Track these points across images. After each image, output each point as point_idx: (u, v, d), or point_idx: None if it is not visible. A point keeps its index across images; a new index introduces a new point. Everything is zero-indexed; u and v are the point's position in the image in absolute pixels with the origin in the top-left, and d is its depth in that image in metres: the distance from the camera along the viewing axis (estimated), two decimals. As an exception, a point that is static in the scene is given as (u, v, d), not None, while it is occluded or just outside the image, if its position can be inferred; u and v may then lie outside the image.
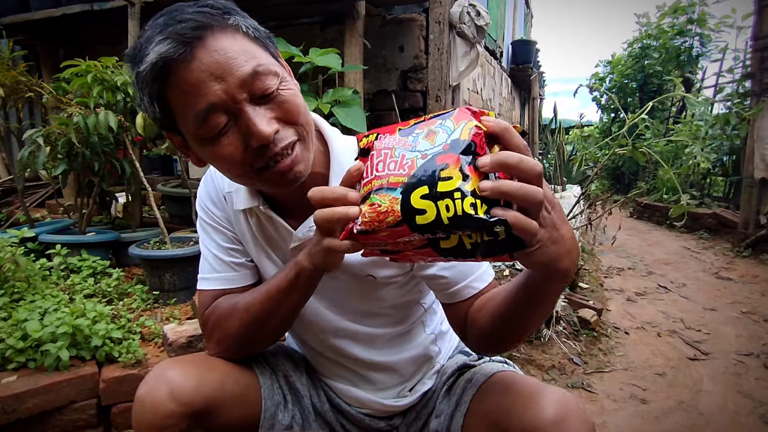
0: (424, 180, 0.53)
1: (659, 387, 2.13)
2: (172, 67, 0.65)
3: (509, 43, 7.13)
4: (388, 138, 0.60)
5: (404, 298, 0.92)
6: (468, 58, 3.03)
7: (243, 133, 0.68)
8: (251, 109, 0.67)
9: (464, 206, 0.51)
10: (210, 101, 0.65)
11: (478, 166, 0.53)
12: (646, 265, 4.22)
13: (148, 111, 0.72)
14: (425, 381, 0.99)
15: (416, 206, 0.53)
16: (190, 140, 0.72)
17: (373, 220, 0.57)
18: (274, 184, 0.74)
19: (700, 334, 2.71)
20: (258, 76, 0.67)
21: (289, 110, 0.70)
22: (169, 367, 0.80)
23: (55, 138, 2.20)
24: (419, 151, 0.56)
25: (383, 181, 0.57)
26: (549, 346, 2.36)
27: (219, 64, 0.65)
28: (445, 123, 0.56)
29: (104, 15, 3.25)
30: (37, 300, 1.79)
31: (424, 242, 0.57)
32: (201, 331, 0.92)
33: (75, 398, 1.53)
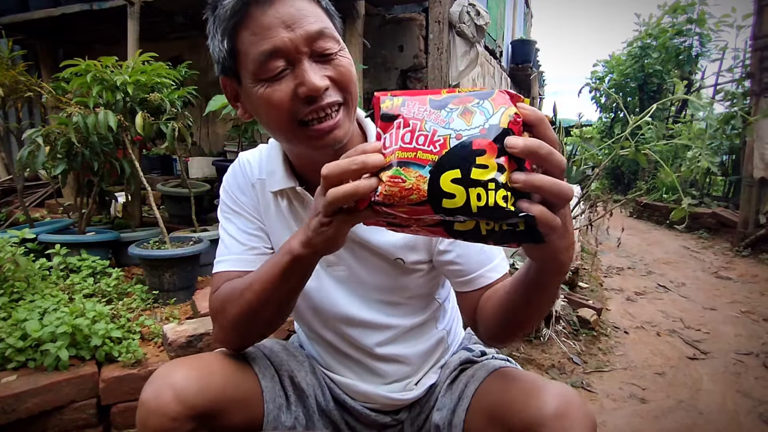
0: (457, 163, 0.51)
1: (659, 386, 2.13)
2: (249, 10, 0.71)
3: (509, 43, 7.14)
4: (417, 107, 0.55)
5: (424, 289, 0.94)
6: (468, 58, 3.03)
7: (296, 82, 0.71)
8: (308, 63, 0.72)
9: (497, 198, 0.50)
10: (275, 45, 0.70)
11: (508, 144, 0.51)
12: (646, 264, 4.22)
13: (215, 50, 0.77)
14: (430, 375, 1.00)
15: (445, 189, 0.51)
16: (246, 81, 0.75)
17: (394, 194, 0.54)
18: (312, 142, 0.75)
19: (699, 334, 2.71)
20: (323, 36, 0.72)
21: (342, 74, 0.75)
22: (173, 369, 0.79)
23: (54, 138, 2.20)
24: (453, 130, 0.52)
25: (410, 154, 0.53)
26: (549, 345, 2.36)
27: (291, 16, 0.71)
28: (483, 104, 0.53)
29: (103, 14, 3.26)
30: (36, 300, 1.79)
31: (437, 221, 0.55)
32: (210, 314, 0.90)
33: (75, 398, 1.53)
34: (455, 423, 0.87)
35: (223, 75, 0.80)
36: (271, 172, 0.90)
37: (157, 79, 2.33)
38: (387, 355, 0.94)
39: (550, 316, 2.41)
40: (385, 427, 0.99)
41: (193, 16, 3.49)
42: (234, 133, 3.09)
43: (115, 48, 3.22)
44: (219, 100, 2.50)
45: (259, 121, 0.80)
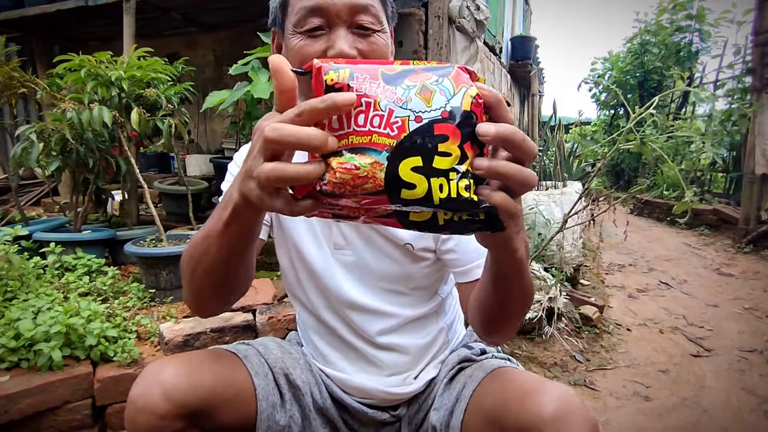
0: (418, 150, 0.46)
1: (662, 384, 2.10)
2: None
3: (509, 39, 7.10)
4: (369, 82, 0.48)
5: (429, 280, 0.93)
6: (467, 53, 3.00)
7: (327, 44, 0.74)
8: (344, 31, 0.74)
9: (459, 188, 0.46)
10: (318, 3, 0.73)
11: (479, 132, 0.47)
12: (647, 261, 4.20)
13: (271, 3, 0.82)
14: (430, 369, 0.98)
15: (404, 178, 0.46)
16: (287, 32, 0.78)
17: (345, 182, 0.47)
18: None
19: (702, 331, 2.68)
20: (367, 11, 0.74)
21: (374, 51, 0.76)
22: (162, 367, 0.77)
23: (48, 134, 2.17)
24: (412, 111, 0.47)
25: (364, 138, 0.47)
26: (551, 343, 2.34)
27: None
28: (442, 82, 0.48)
29: (99, 11, 3.22)
30: (30, 299, 1.76)
31: (389, 211, 0.50)
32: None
33: (69, 398, 1.51)
34: (453, 425, 0.85)
35: (273, 26, 0.84)
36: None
37: (152, 74, 2.30)
38: (387, 345, 0.93)
39: (552, 314, 2.39)
40: (383, 425, 0.97)
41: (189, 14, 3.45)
42: (232, 130, 3.05)
43: (111, 45, 3.19)
44: (217, 97, 2.47)
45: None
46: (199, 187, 3.19)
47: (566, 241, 2.90)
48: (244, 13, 3.45)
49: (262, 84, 2.27)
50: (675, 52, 7.60)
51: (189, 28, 3.93)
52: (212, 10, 3.39)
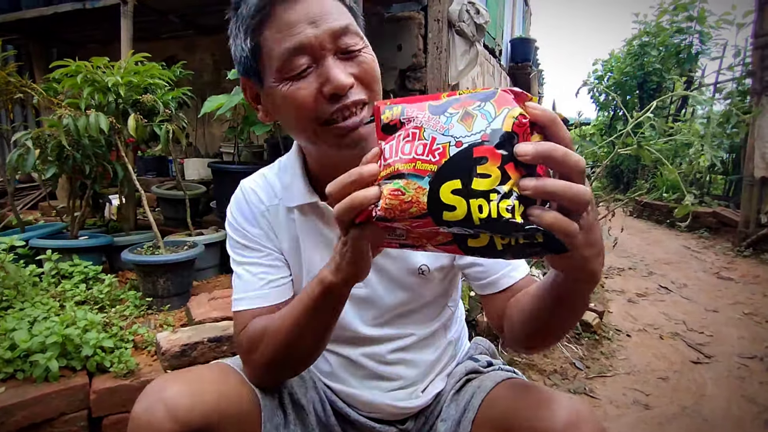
0: (457, 173, 0.48)
1: (662, 391, 2.10)
2: (274, 7, 0.70)
3: (508, 41, 7.09)
4: (416, 114, 0.53)
5: (439, 292, 0.93)
6: (467, 57, 2.99)
7: (320, 80, 0.71)
8: (333, 60, 0.71)
9: (500, 209, 0.46)
10: (300, 41, 0.69)
11: (518, 153, 0.47)
12: (647, 265, 4.19)
13: (237, 49, 0.76)
14: (437, 383, 0.98)
15: (445, 201, 0.48)
16: (269, 81, 0.74)
17: (394, 208, 0.51)
18: (336, 141, 0.74)
19: (702, 337, 2.68)
20: (348, 33, 0.72)
21: (367, 71, 0.74)
22: (166, 384, 0.77)
23: (44, 140, 2.15)
24: (453, 137, 0.49)
25: (409, 165, 0.51)
26: (550, 350, 2.33)
27: (316, 13, 0.70)
28: (484, 106, 0.49)
29: (97, 13, 3.20)
30: (26, 308, 1.75)
31: (450, 238, 0.52)
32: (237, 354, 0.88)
33: (65, 410, 1.49)
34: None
35: (244, 76, 0.80)
36: (288, 186, 0.88)
37: (150, 80, 2.28)
38: (397, 360, 0.93)
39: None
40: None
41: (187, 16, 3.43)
42: (230, 134, 3.04)
43: (109, 48, 3.18)
44: (215, 101, 2.45)
45: (281, 121, 0.80)
46: (197, 191, 3.18)
47: (566, 246, 2.89)
48: (243, 16, 3.44)
49: (260, 89, 2.25)
50: (675, 54, 7.59)
51: (187, 30, 3.92)
52: (211, 12, 3.37)
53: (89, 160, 2.25)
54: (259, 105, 0.82)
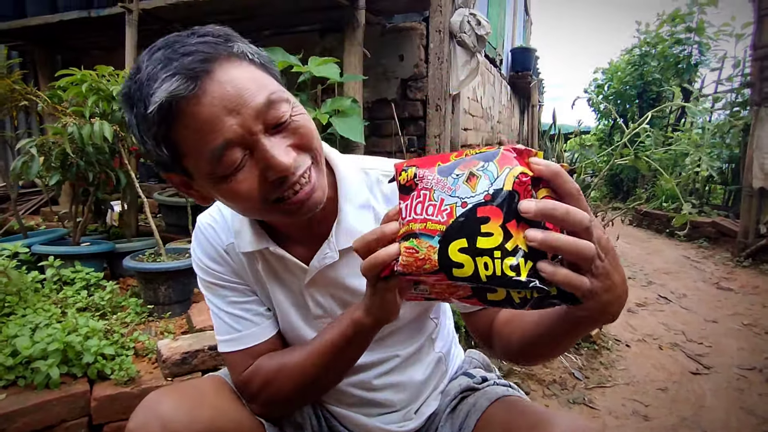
0: (462, 232, 0.51)
1: (661, 402, 2.10)
2: (181, 106, 0.61)
3: (509, 51, 7.14)
4: (427, 175, 0.57)
5: (417, 310, 0.90)
6: (468, 67, 3.02)
7: (260, 167, 0.65)
8: (267, 141, 0.64)
9: (504, 267, 0.49)
10: (226, 137, 0.62)
11: (521, 210, 0.49)
12: (646, 274, 4.20)
13: (151, 153, 0.67)
14: (430, 402, 0.96)
15: (453, 259, 0.52)
16: (201, 179, 0.68)
17: (410, 264, 0.55)
18: (292, 214, 0.70)
19: (701, 347, 2.68)
20: (272, 105, 0.65)
21: (303, 135, 0.68)
22: (162, 398, 0.77)
23: (49, 148, 2.17)
24: (459, 198, 0.53)
25: (421, 225, 0.55)
26: (549, 360, 2.33)
27: (232, 97, 0.62)
28: (487, 167, 0.52)
29: (101, 22, 3.23)
30: (28, 314, 1.75)
31: (470, 293, 0.56)
32: (239, 392, 0.86)
33: (65, 417, 1.50)
34: None
35: (166, 172, 0.72)
36: (239, 232, 0.82)
37: (154, 88, 2.30)
38: (386, 385, 0.91)
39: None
40: None
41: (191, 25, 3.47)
42: (232, 142, 3.06)
43: (113, 55, 3.20)
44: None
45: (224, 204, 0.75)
46: (198, 198, 3.19)
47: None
48: (245, 25, 3.46)
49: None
50: (674, 64, 7.64)
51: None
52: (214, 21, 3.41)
53: (92, 167, 2.26)
54: (192, 191, 0.74)
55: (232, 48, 0.66)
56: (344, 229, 0.79)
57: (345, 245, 0.78)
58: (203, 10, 2.93)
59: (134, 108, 0.64)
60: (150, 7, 2.93)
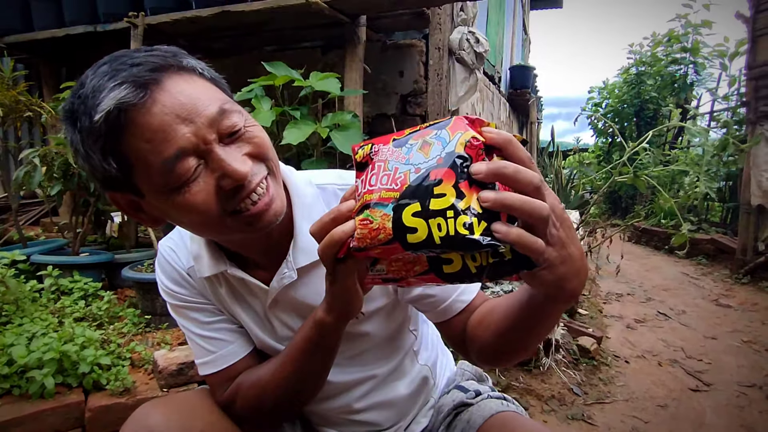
0: (416, 196, 0.51)
1: (661, 419, 2.08)
2: (130, 115, 0.59)
3: (507, 69, 7.24)
4: (382, 149, 0.56)
5: (391, 327, 0.87)
6: (467, 84, 3.06)
7: (216, 176, 0.63)
8: (222, 150, 0.63)
9: (457, 226, 0.48)
10: (180, 145, 0.60)
11: (472, 172, 0.50)
12: (645, 291, 4.19)
13: (96, 170, 0.63)
14: (420, 420, 0.95)
15: (407, 224, 0.50)
16: (152, 195, 0.65)
17: (365, 236, 0.54)
18: (249, 227, 0.68)
19: (701, 364, 2.66)
20: (226, 114, 0.64)
21: (258, 145, 0.68)
22: (151, 411, 0.76)
23: (51, 158, 2.19)
24: (413, 164, 0.53)
25: (375, 195, 0.54)
26: (548, 375, 2.32)
27: (184, 106, 0.61)
28: (440, 134, 0.53)
29: (107, 36, 3.29)
30: (25, 323, 1.75)
31: (426, 267, 0.55)
32: (226, 413, 0.84)
33: (60, 428, 1.49)
34: None
35: (110, 191, 0.68)
36: (198, 256, 0.81)
37: (157, 101, 2.33)
38: (369, 406, 0.89)
39: (549, 345, 2.37)
40: None
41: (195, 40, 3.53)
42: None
43: (118, 69, 3.25)
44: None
45: (177, 224, 0.72)
46: (198, 210, 3.20)
47: (564, 270, 2.90)
48: (250, 41, 3.53)
49: (263, 112, 2.30)
50: (670, 83, 7.75)
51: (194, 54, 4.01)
52: (218, 37, 3.46)
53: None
54: (140, 213, 0.71)
55: (181, 62, 0.65)
56: (301, 248, 0.77)
57: (303, 263, 0.77)
58: (207, 25, 2.98)
59: (78, 122, 0.61)
60: (155, 23, 2.99)
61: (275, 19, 2.88)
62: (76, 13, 3.38)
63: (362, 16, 2.78)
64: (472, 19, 3.24)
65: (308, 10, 2.53)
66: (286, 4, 2.56)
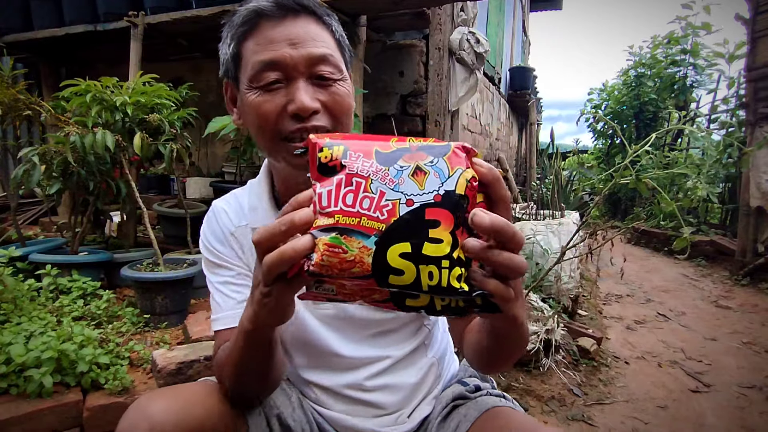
0: (407, 235, 0.45)
1: (661, 420, 2.07)
2: (260, 22, 0.73)
3: (507, 70, 7.25)
4: (362, 161, 0.48)
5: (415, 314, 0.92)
6: (467, 84, 3.06)
7: (287, 98, 0.73)
8: (304, 83, 0.73)
9: (450, 279, 0.45)
10: (275, 57, 0.72)
11: (474, 223, 0.46)
12: (645, 292, 4.18)
13: (222, 54, 0.80)
14: (423, 407, 0.96)
15: (393, 264, 0.45)
16: (243, 86, 0.77)
17: (332, 266, 0.47)
18: (291, 159, 0.76)
19: (701, 365, 2.66)
20: (325, 61, 0.73)
21: (336, 102, 0.75)
22: (151, 401, 0.76)
23: (51, 157, 2.19)
24: (404, 194, 0.46)
25: (353, 220, 0.46)
26: (548, 376, 2.31)
27: (298, 35, 0.72)
28: (437, 163, 0.47)
29: (107, 35, 3.29)
30: (23, 322, 1.74)
31: (387, 296, 0.50)
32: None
33: (57, 427, 1.48)
34: None
35: (225, 77, 0.83)
36: (254, 207, 0.88)
37: (157, 100, 2.33)
38: (379, 386, 0.91)
39: (549, 346, 2.37)
40: None
41: (195, 40, 3.52)
42: (233, 155, 3.08)
43: (118, 68, 3.25)
44: (218, 122, 2.50)
45: (249, 128, 0.81)
46: (198, 210, 3.19)
47: (564, 272, 2.90)
48: (249, 40, 3.53)
49: (264, 111, 2.30)
50: (670, 85, 7.76)
51: (194, 53, 4.01)
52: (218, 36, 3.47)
53: (93, 176, 2.28)
54: (235, 108, 0.84)
55: (322, 16, 0.77)
56: None
57: None
58: (207, 24, 2.98)
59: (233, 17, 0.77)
60: (155, 22, 2.99)
61: (275, 18, 2.88)
62: (76, 13, 3.38)
63: (362, 16, 2.78)
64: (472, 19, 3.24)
65: (309, 9, 2.52)
66: (287, 4, 2.56)
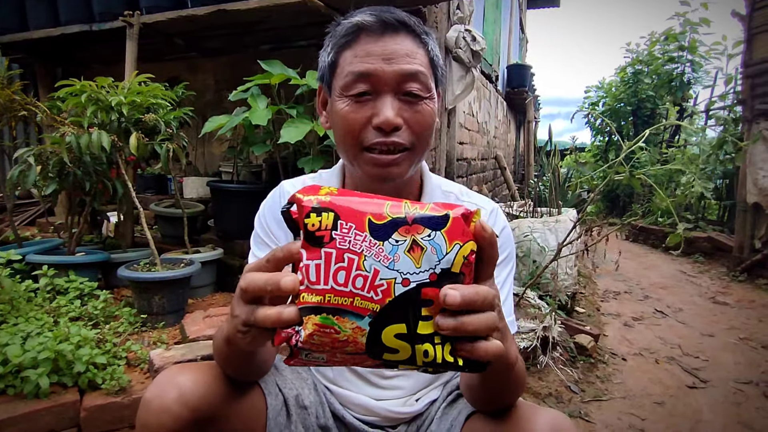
0: (402, 316, 0.45)
1: (658, 416, 2.08)
2: (361, 35, 0.77)
3: (505, 67, 7.24)
4: (353, 233, 0.45)
5: None
6: (464, 82, 3.06)
7: (373, 111, 0.76)
8: (391, 98, 0.76)
9: (444, 354, 0.46)
10: (368, 69, 0.75)
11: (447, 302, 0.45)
12: (642, 288, 4.19)
13: (321, 60, 0.84)
14: (431, 392, 0.99)
15: (387, 344, 0.45)
16: (335, 93, 0.80)
17: (323, 344, 0.46)
18: (368, 169, 0.79)
19: (698, 361, 2.67)
20: (416, 79, 0.76)
21: (419, 120, 0.78)
22: (179, 372, 0.79)
23: (46, 157, 2.18)
24: (399, 273, 0.45)
25: (345, 300, 0.45)
26: (545, 372, 2.32)
27: (394, 52, 0.76)
28: (435, 237, 0.45)
29: (103, 35, 3.27)
30: (20, 323, 1.74)
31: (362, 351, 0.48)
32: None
33: (54, 427, 1.48)
34: None
35: (320, 82, 0.87)
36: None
37: (152, 100, 2.33)
38: (401, 373, 0.95)
39: (546, 343, 2.37)
40: None
41: (191, 39, 3.52)
42: (230, 154, 3.08)
43: (114, 68, 3.24)
44: (215, 121, 2.50)
45: (334, 133, 0.85)
46: (195, 210, 3.19)
47: (561, 269, 2.91)
48: (246, 40, 3.52)
49: (260, 111, 2.30)
50: (667, 82, 7.76)
51: (190, 53, 4.00)
52: (214, 36, 3.45)
53: (89, 176, 2.27)
54: (324, 111, 0.88)
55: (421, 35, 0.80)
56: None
57: None
58: (203, 24, 2.97)
59: (337, 27, 0.81)
60: (151, 21, 2.98)
61: (271, 17, 2.87)
62: (72, 13, 3.36)
63: (358, 14, 2.78)
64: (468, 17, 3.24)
65: (304, 8, 2.52)
66: (282, 3, 2.55)
